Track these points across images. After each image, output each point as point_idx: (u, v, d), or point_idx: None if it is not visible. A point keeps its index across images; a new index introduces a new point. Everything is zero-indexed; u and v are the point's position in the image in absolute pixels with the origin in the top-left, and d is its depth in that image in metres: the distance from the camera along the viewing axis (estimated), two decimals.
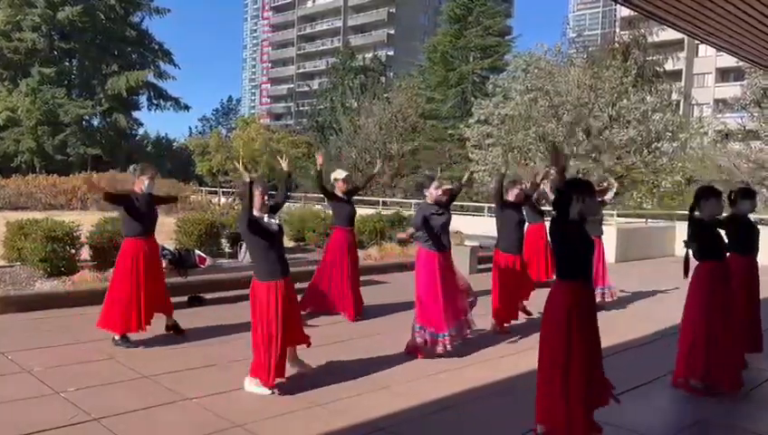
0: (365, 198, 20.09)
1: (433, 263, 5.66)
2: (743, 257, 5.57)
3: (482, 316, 6.56)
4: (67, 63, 46.40)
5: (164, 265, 6.73)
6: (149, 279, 5.80)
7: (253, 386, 4.69)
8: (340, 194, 7.42)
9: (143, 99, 48.02)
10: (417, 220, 5.71)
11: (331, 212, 8.22)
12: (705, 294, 4.88)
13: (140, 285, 5.71)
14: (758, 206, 20.88)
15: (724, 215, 5.35)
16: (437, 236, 5.73)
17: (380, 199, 22.63)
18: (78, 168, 35.95)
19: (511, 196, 7.13)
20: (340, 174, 7.56)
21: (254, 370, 4.69)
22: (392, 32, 72.34)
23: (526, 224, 7.57)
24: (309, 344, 5.05)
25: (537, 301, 7.32)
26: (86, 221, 9.34)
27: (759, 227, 6.21)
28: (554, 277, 4.01)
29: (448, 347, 5.59)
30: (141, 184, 5.89)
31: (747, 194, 5.68)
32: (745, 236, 5.60)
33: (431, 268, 5.65)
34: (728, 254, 5.19)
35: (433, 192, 5.88)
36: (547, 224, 9.88)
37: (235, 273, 8.32)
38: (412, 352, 5.70)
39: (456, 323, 5.74)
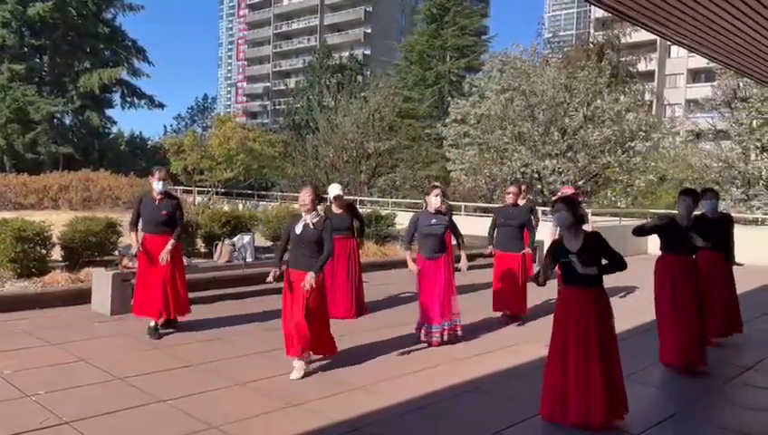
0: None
1: (424, 268, 6.20)
2: (710, 253, 6.17)
3: (466, 313, 6.58)
4: (38, 60, 45.36)
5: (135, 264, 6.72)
6: (156, 271, 6.14)
7: None
8: (336, 209, 7.35)
9: (116, 97, 47.08)
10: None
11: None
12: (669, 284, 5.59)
13: (148, 274, 6.18)
14: (729, 204, 21.39)
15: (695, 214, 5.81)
16: (426, 243, 6.23)
17: (358, 198, 22.60)
18: (49, 166, 35.22)
19: (509, 198, 7.44)
20: (334, 190, 7.36)
21: None
22: (369, 30, 72.27)
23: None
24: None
25: (536, 294, 7.41)
26: (58, 221, 9.18)
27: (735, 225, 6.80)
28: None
29: (445, 337, 6.14)
30: (152, 185, 6.35)
31: (707, 194, 6.41)
32: (710, 234, 6.08)
33: (423, 273, 6.19)
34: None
35: (432, 200, 6.19)
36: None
37: (210, 273, 8.25)
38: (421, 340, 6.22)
39: (449, 319, 6.19)
